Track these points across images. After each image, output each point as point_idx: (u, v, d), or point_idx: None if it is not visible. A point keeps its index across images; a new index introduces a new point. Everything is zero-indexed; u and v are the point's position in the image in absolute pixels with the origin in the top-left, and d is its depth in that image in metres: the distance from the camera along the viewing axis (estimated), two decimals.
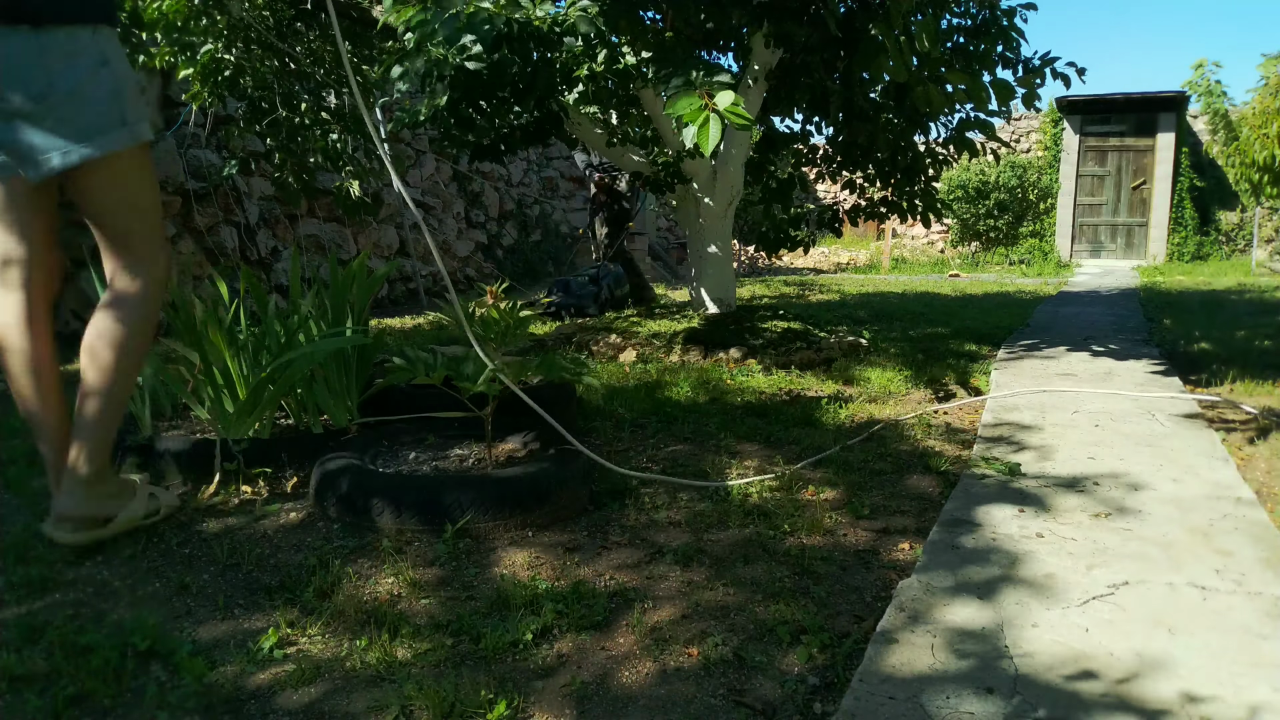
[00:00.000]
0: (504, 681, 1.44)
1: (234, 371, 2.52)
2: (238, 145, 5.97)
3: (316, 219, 7.29)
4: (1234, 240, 13.27)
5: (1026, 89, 4.36)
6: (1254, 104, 7.52)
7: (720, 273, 4.95)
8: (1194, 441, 2.80)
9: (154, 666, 1.49)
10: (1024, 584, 1.74)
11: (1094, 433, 2.93)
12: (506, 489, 2.08)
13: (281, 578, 1.84)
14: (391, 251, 8.28)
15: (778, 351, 4.20)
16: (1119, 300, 7.69)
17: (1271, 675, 1.39)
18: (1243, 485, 2.34)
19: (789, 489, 2.38)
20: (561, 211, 11.32)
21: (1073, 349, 4.71)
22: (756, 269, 13.40)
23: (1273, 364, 4.11)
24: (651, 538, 2.06)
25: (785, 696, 1.40)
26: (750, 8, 3.76)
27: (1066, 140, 13.66)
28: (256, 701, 1.40)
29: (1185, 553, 1.89)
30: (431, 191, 8.96)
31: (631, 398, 3.39)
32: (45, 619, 1.65)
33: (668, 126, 4.67)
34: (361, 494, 2.08)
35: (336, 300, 2.79)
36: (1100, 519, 2.11)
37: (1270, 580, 1.74)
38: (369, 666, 1.49)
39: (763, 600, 1.73)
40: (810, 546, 1.99)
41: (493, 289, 2.32)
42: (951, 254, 14.29)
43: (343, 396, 2.72)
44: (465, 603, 1.73)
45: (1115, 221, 13.78)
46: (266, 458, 2.44)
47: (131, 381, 1.98)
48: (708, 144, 2.45)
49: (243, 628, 1.63)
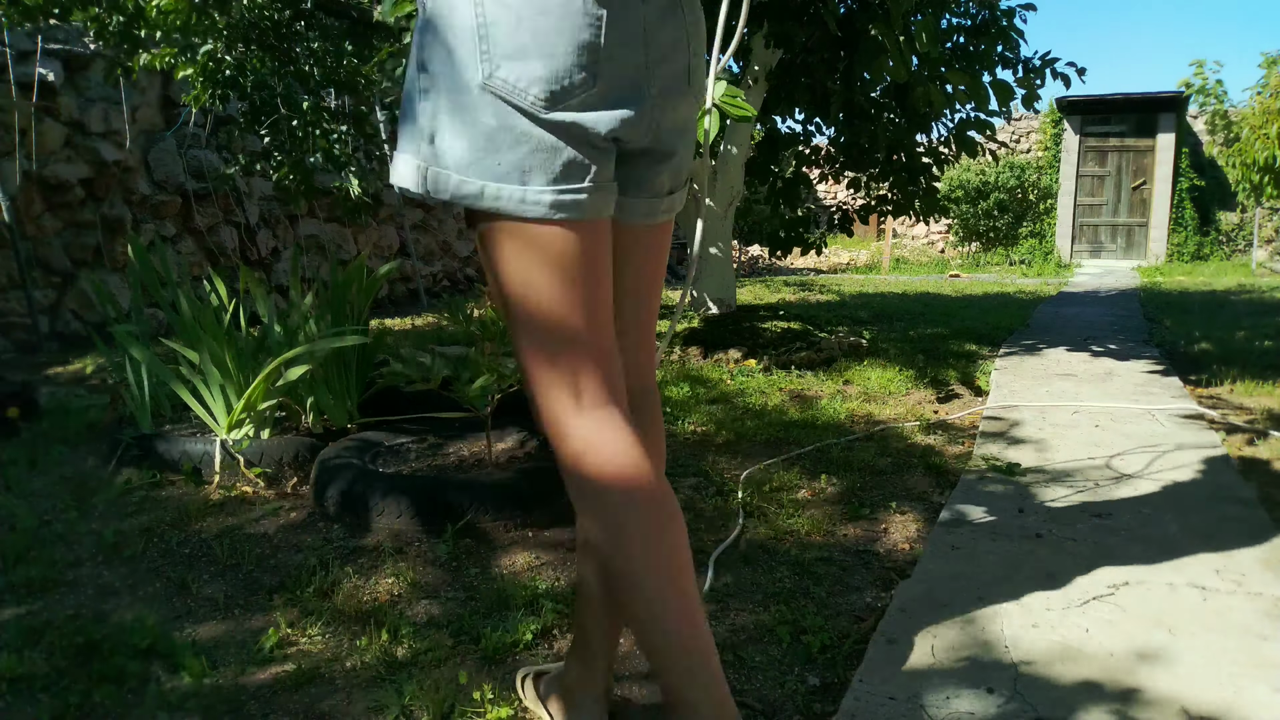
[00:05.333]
0: (504, 682, 1.44)
1: (234, 372, 2.52)
2: (238, 145, 5.98)
3: (316, 219, 7.29)
4: (1234, 240, 13.26)
5: (1026, 89, 4.36)
6: (1254, 104, 7.52)
7: (720, 273, 4.95)
8: (1194, 442, 2.79)
9: (154, 666, 1.49)
10: (1024, 584, 1.74)
11: (1094, 432, 2.93)
12: (506, 489, 2.08)
13: (281, 578, 1.84)
14: (391, 251, 8.28)
15: (778, 351, 4.20)
16: (1119, 300, 7.68)
17: (1271, 675, 1.39)
18: (1243, 485, 2.34)
19: (789, 489, 2.38)
20: None
21: (1073, 349, 4.71)
22: (757, 269, 13.40)
23: (1273, 364, 4.11)
24: None
25: (785, 696, 1.40)
26: (750, 8, 3.75)
27: (1066, 140, 13.65)
28: (256, 701, 1.40)
29: (1185, 553, 1.89)
30: None
31: None
32: (45, 619, 1.65)
33: None
34: (361, 494, 2.08)
35: (336, 300, 2.79)
36: (1100, 519, 2.11)
37: (1270, 580, 1.74)
38: (369, 666, 1.49)
39: (763, 600, 1.73)
40: (810, 546, 1.99)
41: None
42: (952, 254, 14.29)
43: (343, 396, 2.72)
44: (465, 603, 1.73)
45: (1115, 222, 13.78)
46: (266, 458, 2.44)
47: None
48: (704, 136, 2.45)
49: (243, 628, 1.63)
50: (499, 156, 0.99)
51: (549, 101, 0.97)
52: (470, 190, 1.00)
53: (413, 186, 1.02)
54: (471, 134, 0.99)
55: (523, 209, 1.00)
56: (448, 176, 1.00)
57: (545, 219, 1.00)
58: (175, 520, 2.14)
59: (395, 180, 1.04)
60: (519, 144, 0.98)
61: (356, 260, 2.88)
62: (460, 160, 1.00)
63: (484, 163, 0.99)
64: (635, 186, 1.13)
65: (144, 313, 2.85)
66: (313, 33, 4.78)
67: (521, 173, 0.99)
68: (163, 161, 5.88)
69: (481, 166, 0.99)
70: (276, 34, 4.56)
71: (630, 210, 1.14)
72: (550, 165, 0.99)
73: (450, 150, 1.00)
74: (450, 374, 2.23)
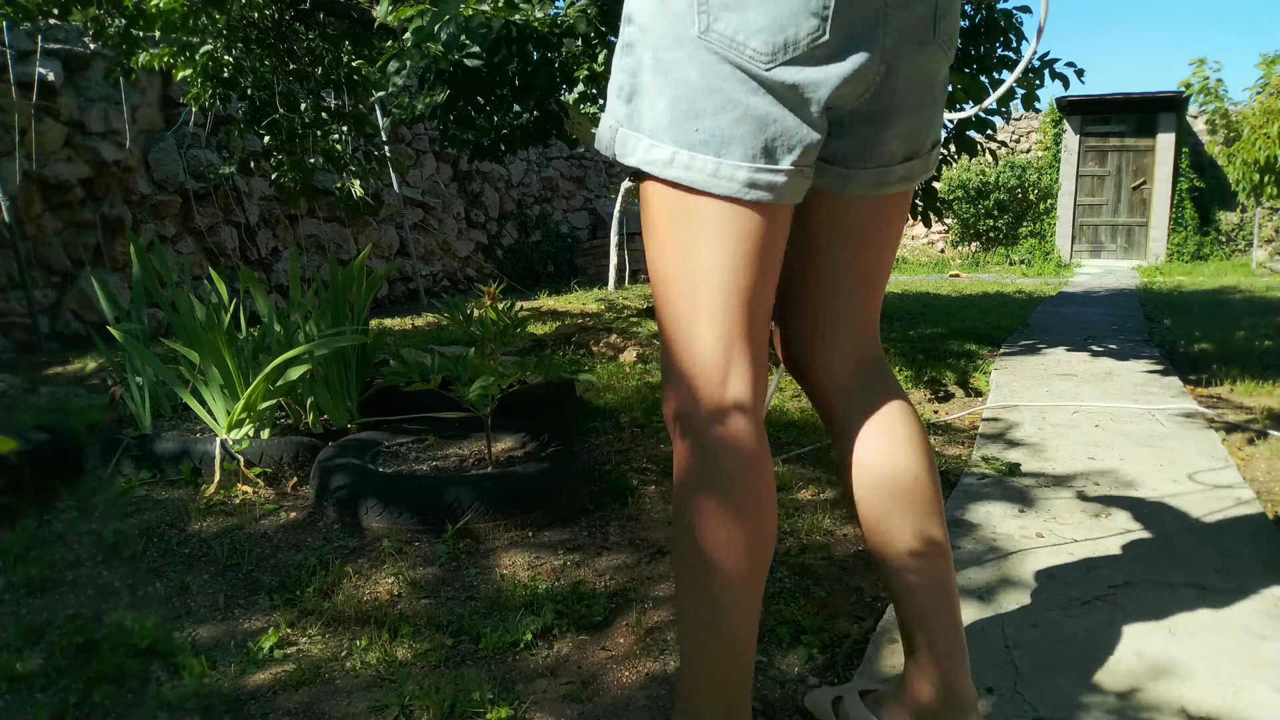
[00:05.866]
0: (504, 682, 1.44)
1: (234, 371, 2.52)
2: (237, 145, 5.98)
3: (316, 219, 7.29)
4: (1234, 240, 13.26)
5: (1026, 89, 4.36)
6: (1254, 104, 7.52)
7: None
8: (1194, 441, 2.79)
9: (154, 666, 1.49)
10: (1024, 584, 1.74)
11: (1094, 433, 2.93)
12: (506, 489, 2.08)
13: (281, 578, 1.84)
14: (391, 251, 8.28)
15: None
16: (1119, 300, 7.68)
17: (1271, 675, 1.39)
18: (1243, 485, 2.34)
19: (788, 488, 2.38)
20: (562, 212, 11.31)
21: (1073, 349, 4.71)
22: None
23: (1273, 364, 4.11)
24: (651, 538, 2.06)
25: (785, 696, 1.40)
26: None
27: (1066, 140, 13.65)
28: (256, 701, 1.40)
29: (1185, 553, 1.89)
30: (431, 191, 8.95)
31: (632, 398, 3.39)
32: (45, 619, 1.65)
33: None
34: (361, 494, 2.08)
35: (336, 300, 2.79)
36: (1100, 519, 2.11)
37: (1270, 580, 1.74)
38: (369, 666, 1.49)
39: (762, 600, 1.73)
40: (810, 546, 1.99)
41: (491, 289, 2.32)
42: (951, 254, 14.29)
43: (343, 396, 2.72)
44: (465, 603, 1.73)
45: (1115, 222, 13.77)
46: (266, 458, 2.44)
47: None
48: None
49: (243, 628, 1.63)
50: (698, 122, 0.89)
51: (771, 55, 0.87)
52: (658, 156, 0.91)
53: (602, 148, 0.96)
54: (673, 94, 0.90)
55: (712, 184, 0.90)
56: (637, 140, 0.93)
57: (733, 197, 0.91)
58: (175, 520, 2.14)
59: (596, 143, 0.99)
60: (724, 110, 0.89)
61: (356, 260, 2.88)
62: (656, 123, 0.91)
63: (680, 127, 0.90)
64: (860, 155, 1.00)
65: (144, 313, 2.85)
66: (312, 32, 4.78)
67: (720, 143, 0.89)
68: (163, 161, 5.88)
69: (677, 131, 0.90)
70: (276, 33, 4.56)
71: (855, 182, 1.02)
72: (753, 139, 0.90)
73: (647, 111, 0.92)
74: (450, 374, 2.23)
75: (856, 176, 1.02)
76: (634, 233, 10.25)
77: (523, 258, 10.39)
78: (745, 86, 0.88)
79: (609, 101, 0.96)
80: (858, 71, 0.90)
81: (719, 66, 0.87)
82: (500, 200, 10.14)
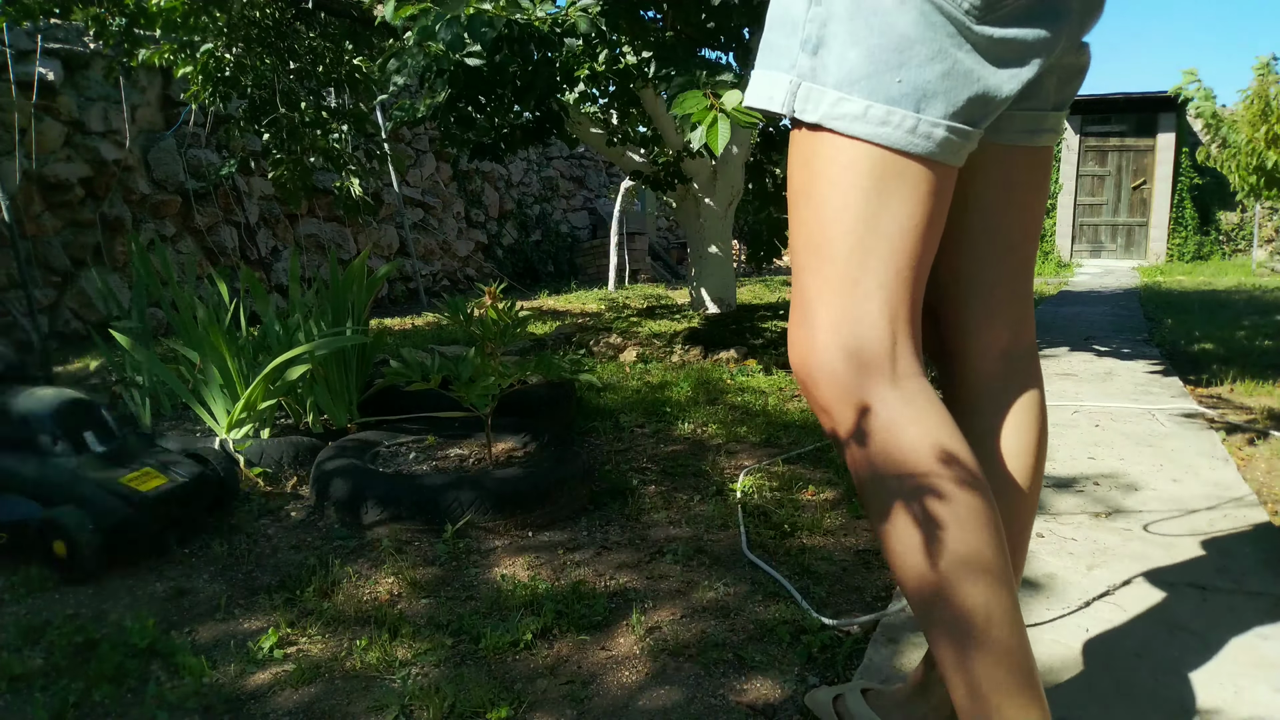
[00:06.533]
0: (504, 682, 1.44)
1: (234, 371, 2.52)
2: (238, 144, 5.98)
3: (316, 219, 7.29)
4: (1234, 240, 13.27)
5: None
6: (1247, 104, 7.52)
7: (720, 273, 4.95)
8: (1194, 441, 2.79)
9: (154, 666, 1.49)
10: (1024, 584, 1.74)
11: (1094, 432, 2.93)
12: (506, 488, 2.08)
13: (281, 578, 1.84)
14: (391, 251, 8.28)
15: (778, 351, 4.20)
16: (1119, 300, 7.68)
17: (1271, 675, 1.39)
18: (1243, 485, 2.34)
19: (789, 488, 2.38)
20: (562, 212, 11.31)
21: (1073, 349, 4.71)
22: (758, 269, 13.39)
23: (1273, 364, 4.11)
24: (651, 537, 2.06)
25: (785, 697, 1.40)
26: (750, 8, 3.75)
27: (1067, 140, 13.66)
28: (256, 701, 1.40)
29: (1185, 552, 1.89)
30: (431, 191, 8.96)
31: (631, 398, 3.39)
32: (45, 619, 1.65)
33: (670, 126, 4.67)
34: (361, 494, 2.08)
35: (336, 300, 2.79)
36: (1100, 519, 2.11)
37: (1270, 580, 1.74)
38: (369, 667, 1.49)
39: (763, 600, 1.73)
40: (810, 546, 1.99)
41: (492, 289, 2.32)
42: None
43: (343, 396, 2.72)
44: (465, 603, 1.73)
45: (1115, 221, 13.78)
46: (266, 458, 2.44)
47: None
48: (717, 144, 2.46)
49: (243, 628, 1.63)
50: (902, 73, 0.83)
51: (985, 9, 0.82)
52: (849, 110, 0.84)
53: (773, 105, 0.88)
54: (875, 43, 0.83)
55: (909, 141, 0.84)
56: (821, 94, 0.86)
57: (925, 156, 0.85)
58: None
59: (751, 100, 0.91)
60: (934, 61, 0.82)
61: (357, 260, 2.88)
62: (849, 74, 0.84)
63: (880, 77, 0.84)
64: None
65: (145, 312, 2.85)
66: (313, 31, 4.78)
67: (921, 96, 0.83)
68: (162, 161, 5.88)
69: (875, 82, 0.84)
70: (277, 32, 4.56)
71: (1008, 125, 0.95)
72: (957, 94, 0.83)
73: (839, 62, 0.85)
74: (450, 374, 2.23)
75: (1014, 117, 0.96)
76: (634, 232, 10.25)
77: (523, 257, 10.39)
78: (954, 40, 0.83)
79: (778, 56, 0.89)
80: (1053, 38, 0.86)
81: (933, 15, 0.82)
82: (500, 200, 10.14)
